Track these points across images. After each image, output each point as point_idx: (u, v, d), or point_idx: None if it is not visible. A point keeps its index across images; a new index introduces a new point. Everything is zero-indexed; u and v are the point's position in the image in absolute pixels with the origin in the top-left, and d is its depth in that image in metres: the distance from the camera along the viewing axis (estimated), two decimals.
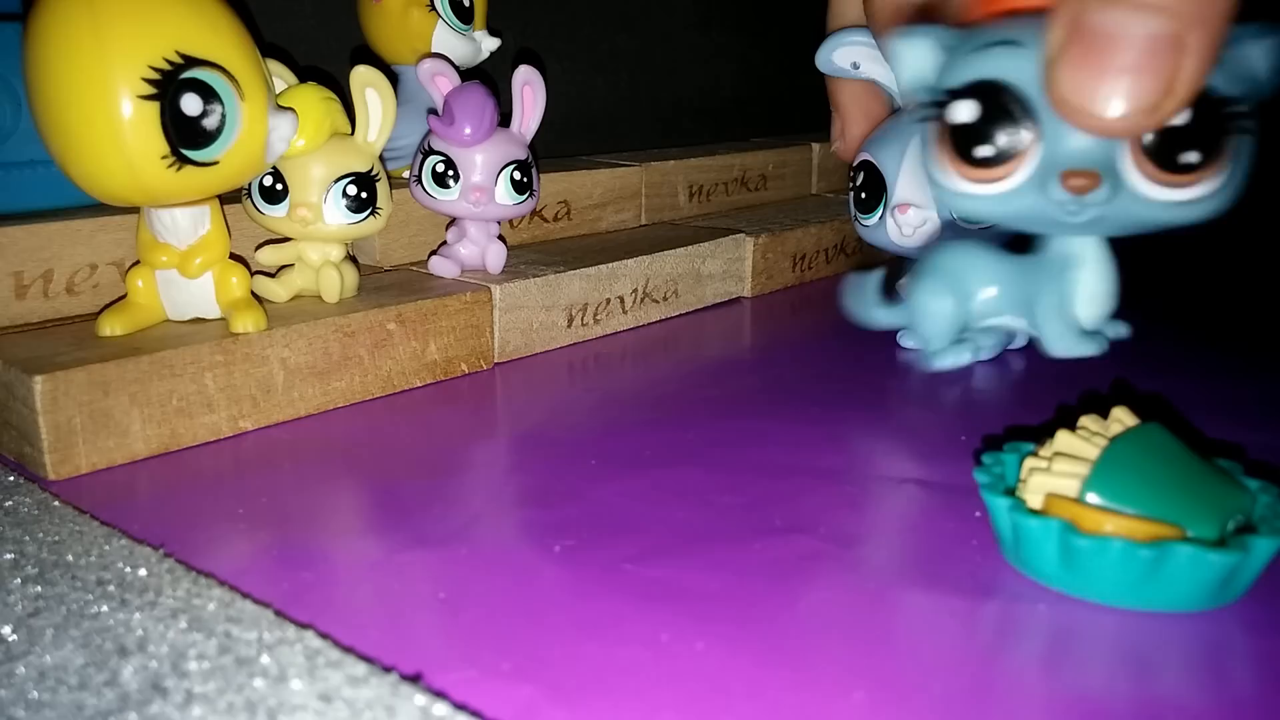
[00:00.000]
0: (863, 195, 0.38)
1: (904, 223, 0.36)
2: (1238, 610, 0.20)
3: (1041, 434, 0.22)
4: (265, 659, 0.18)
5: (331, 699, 0.16)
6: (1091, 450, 0.21)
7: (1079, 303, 0.25)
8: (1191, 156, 0.20)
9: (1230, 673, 0.18)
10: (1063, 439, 0.22)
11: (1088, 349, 0.25)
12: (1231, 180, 0.21)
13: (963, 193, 0.22)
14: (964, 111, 0.21)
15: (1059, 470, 0.21)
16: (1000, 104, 0.21)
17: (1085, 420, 0.22)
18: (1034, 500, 0.21)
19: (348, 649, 0.18)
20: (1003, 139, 0.21)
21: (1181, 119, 0.19)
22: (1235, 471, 0.22)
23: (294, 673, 0.17)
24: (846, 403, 0.32)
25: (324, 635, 0.18)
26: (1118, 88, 0.18)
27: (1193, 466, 0.21)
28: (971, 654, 0.19)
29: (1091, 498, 0.20)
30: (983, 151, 0.21)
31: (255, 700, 0.16)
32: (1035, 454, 0.22)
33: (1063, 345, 0.25)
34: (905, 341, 0.39)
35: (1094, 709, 0.17)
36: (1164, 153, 0.20)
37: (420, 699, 0.17)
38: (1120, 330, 0.26)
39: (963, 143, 0.21)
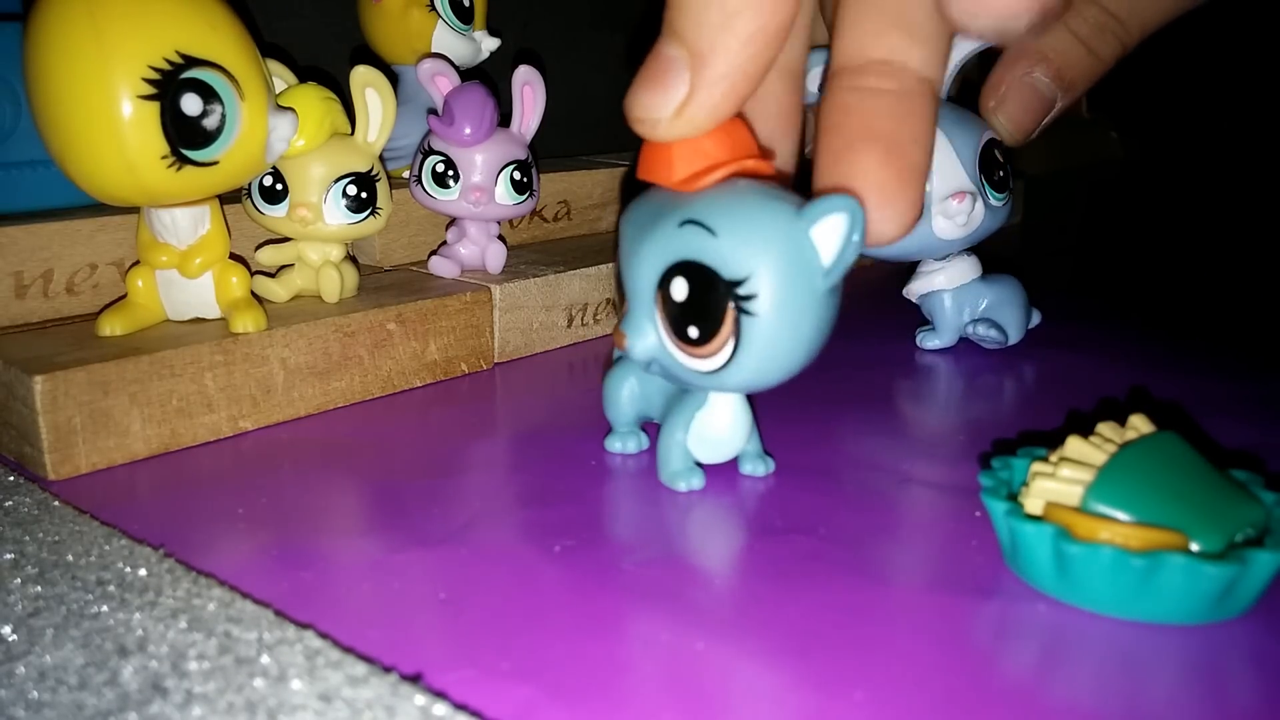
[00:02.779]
0: None
1: (959, 211, 0.34)
2: (1239, 623, 0.20)
3: (1056, 439, 0.22)
4: (265, 659, 0.18)
5: (331, 699, 0.16)
6: (1100, 456, 0.21)
7: (694, 438, 0.26)
8: (694, 332, 0.22)
9: (1227, 686, 0.18)
10: (1073, 445, 0.21)
11: (679, 484, 0.26)
12: (746, 357, 0.21)
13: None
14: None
15: (1063, 476, 0.21)
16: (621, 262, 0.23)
17: (1102, 427, 0.22)
18: (1035, 505, 0.21)
19: (348, 649, 0.18)
20: (622, 293, 0.23)
21: (680, 295, 0.21)
22: (1252, 484, 0.22)
23: (294, 673, 0.17)
24: (848, 401, 0.32)
25: (324, 635, 0.18)
26: (643, 97, 0.21)
27: (1204, 477, 0.20)
28: (971, 656, 0.19)
29: (1091, 504, 0.20)
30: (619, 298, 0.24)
31: (255, 700, 0.16)
32: (1045, 459, 0.22)
33: (663, 472, 0.26)
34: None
35: (1088, 717, 0.17)
36: (676, 325, 0.22)
37: (420, 699, 0.17)
38: (761, 468, 0.27)
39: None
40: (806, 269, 0.21)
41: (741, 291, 0.21)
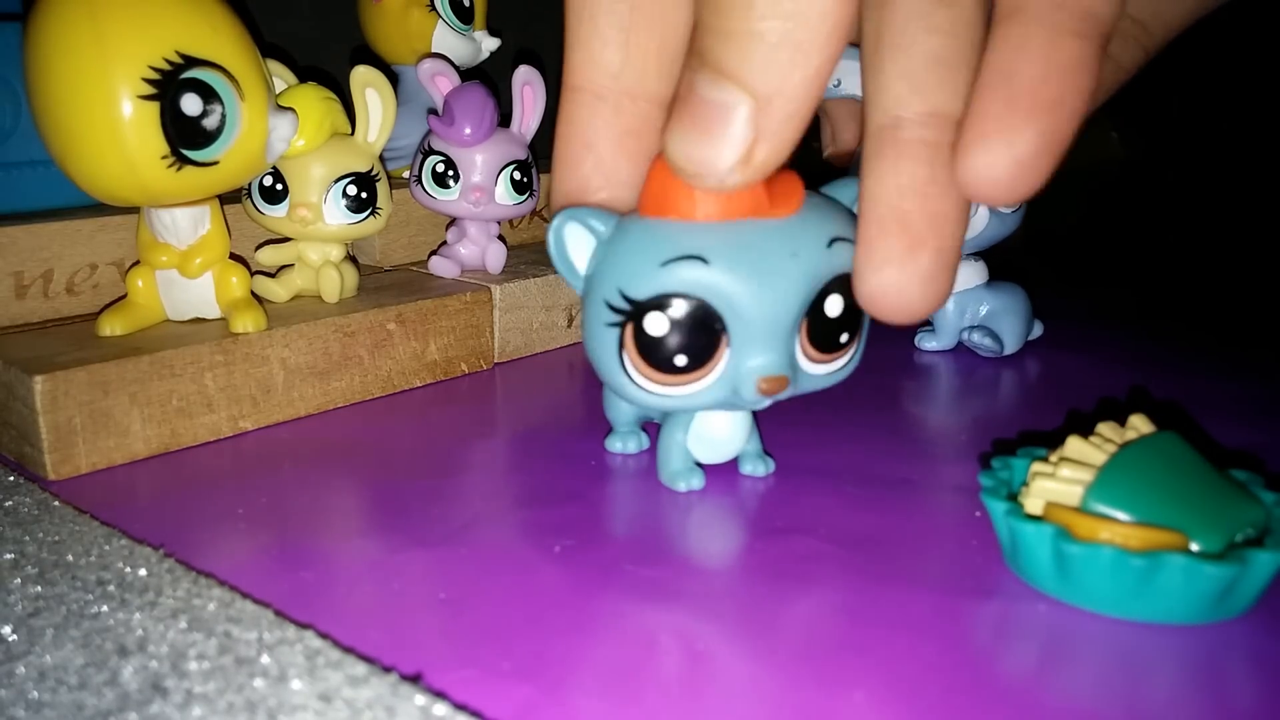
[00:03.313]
0: None
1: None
2: (1239, 623, 0.20)
3: (1056, 439, 0.22)
4: (265, 659, 0.18)
5: (331, 699, 0.16)
6: (1100, 456, 0.21)
7: (694, 438, 0.26)
8: (845, 337, 0.23)
9: (1227, 686, 0.18)
10: (1073, 445, 0.21)
11: (679, 484, 0.26)
12: (862, 343, 0.24)
13: (652, 392, 0.22)
14: (660, 325, 0.21)
15: (1063, 476, 0.21)
16: (696, 320, 0.21)
17: (1102, 427, 0.22)
18: (1034, 505, 0.21)
19: (348, 649, 0.18)
20: (697, 352, 0.22)
21: (837, 310, 0.22)
22: (1252, 484, 0.22)
23: (294, 673, 0.17)
24: (848, 402, 0.32)
25: (324, 635, 0.18)
26: (699, 151, 0.19)
27: (1204, 477, 0.20)
28: (971, 656, 0.19)
29: (1091, 504, 0.20)
30: (679, 362, 0.22)
31: (255, 700, 0.16)
32: (1045, 459, 0.22)
33: (663, 472, 0.26)
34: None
35: (1087, 717, 0.17)
36: (826, 339, 0.23)
37: (420, 699, 0.17)
38: (761, 468, 0.27)
39: (657, 353, 0.22)
40: None
41: None
